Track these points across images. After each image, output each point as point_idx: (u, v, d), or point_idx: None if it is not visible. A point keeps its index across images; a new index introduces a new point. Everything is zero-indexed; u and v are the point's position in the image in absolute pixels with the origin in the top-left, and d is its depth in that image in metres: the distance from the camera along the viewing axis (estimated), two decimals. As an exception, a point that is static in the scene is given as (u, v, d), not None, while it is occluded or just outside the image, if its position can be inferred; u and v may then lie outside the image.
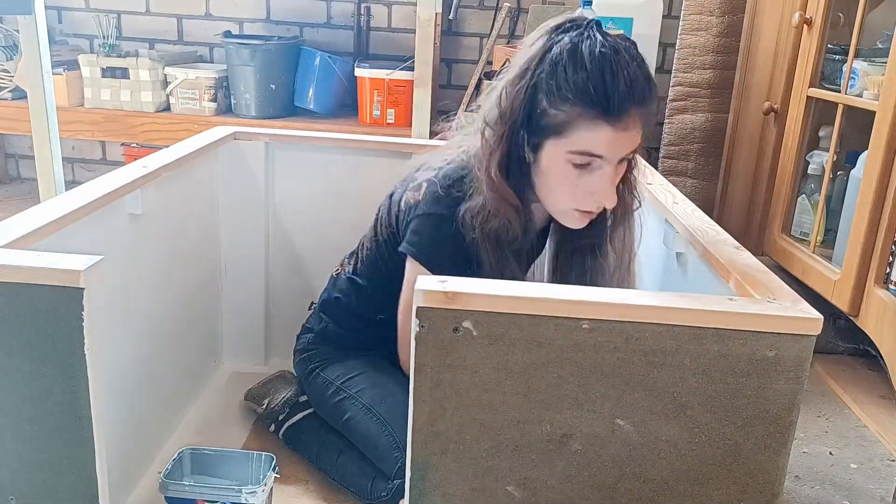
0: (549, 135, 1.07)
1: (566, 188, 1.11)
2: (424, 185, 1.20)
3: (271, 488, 1.25)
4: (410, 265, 1.21)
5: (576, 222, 1.15)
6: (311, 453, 1.38)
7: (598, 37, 1.06)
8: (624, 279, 1.24)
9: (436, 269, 1.15)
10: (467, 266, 1.15)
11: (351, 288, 1.39)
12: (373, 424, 1.26)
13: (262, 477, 1.23)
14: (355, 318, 1.39)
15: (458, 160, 1.20)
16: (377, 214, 1.34)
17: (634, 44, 1.09)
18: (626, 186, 1.17)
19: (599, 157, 1.07)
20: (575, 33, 1.07)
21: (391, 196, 1.31)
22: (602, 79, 1.03)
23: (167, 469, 1.22)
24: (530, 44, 1.10)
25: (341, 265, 1.43)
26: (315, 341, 1.42)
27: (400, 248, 1.21)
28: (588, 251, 1.23)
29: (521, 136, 1.09)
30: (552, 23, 1.10)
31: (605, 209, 1.15)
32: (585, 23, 1.08)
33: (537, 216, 1.23)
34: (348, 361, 1.37)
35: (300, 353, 1.44)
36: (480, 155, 1.13)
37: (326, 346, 1.41)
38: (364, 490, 1.27)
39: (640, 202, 1.22)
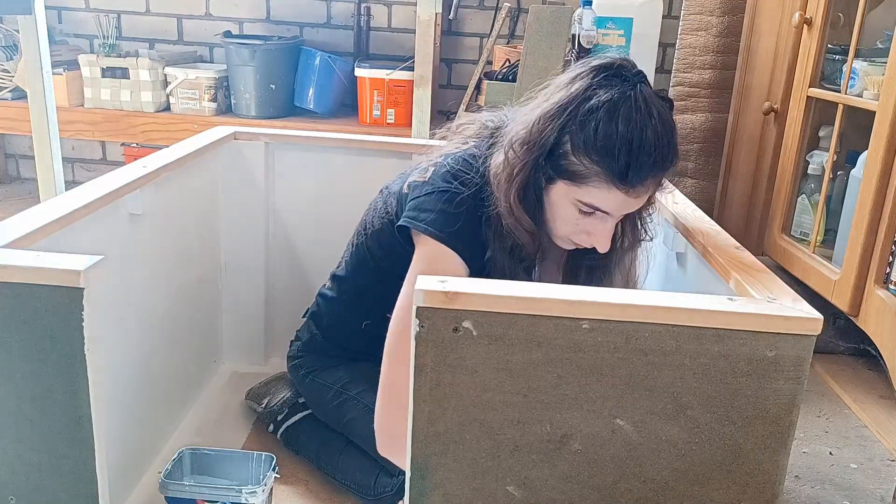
0: (564, 177, 1.07)
1: (567, 224, 1.12)
2: (432, 168, 1.17)
3: (271, 488, 1.25)
4: (419, 250, 1.13)
5: (567, 246, 1.17)
6: (311, 453, 1.38)
7: (640, 98, 1.04)
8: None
9: (453, 242, 1.10)
10: (482, 252, 1.13)
11: (336, 297, 1.38)
12: None
13: (261, 477, 1.23)
14: (341, 327, 1.39)
15: (465, 151, 1.19)
16: (365, 214, 1.32)
17: (671, 104, 1.08)
18: (638, 220, 1.19)
19: (606, 213, 1.09)
20: (618, 90, 1.04)
21: (385, 189, 1.28)
22: (629, 149, 1.02)
23: (167, 469, 1.22)
24: (573, 76, 1.09)
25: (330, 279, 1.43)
26: (304, 349, 1.44)
27: (401, 223, 1.15)
28: (597, 270, 1.24)
29: (541, 164, 1.08)
30: (598, 61, 1.08)
31: (616, 241, 1.17)
32: (632, 74, 1.06)
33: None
34: (340, 368, 1.37)
35: (290, 360, 1.46)
36: (499, 172, 1.12)
37: (314, 355, 1.42)
38: (367, 487, 1.27)
39: (651, 237, 1.23)
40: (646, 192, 1.08)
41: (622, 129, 1.02)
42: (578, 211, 1.09)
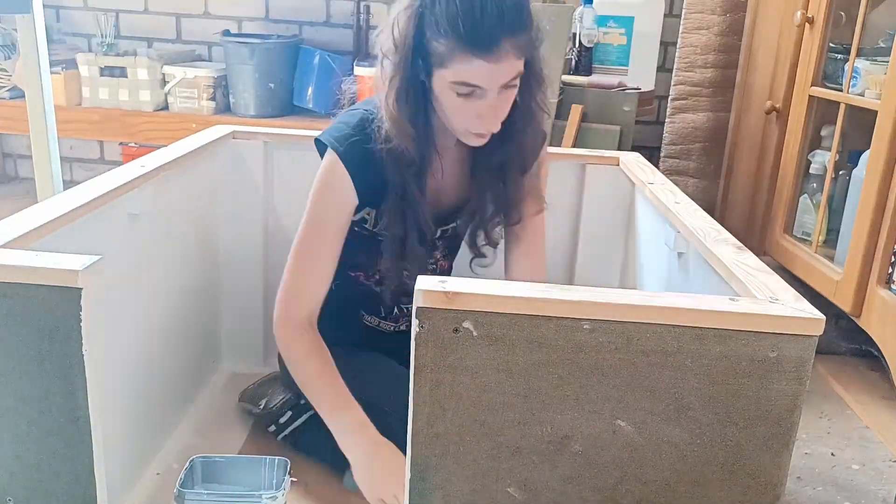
0: (435, 64, 1.10)
1: (456, 113, 1.14)
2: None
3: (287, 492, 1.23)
4: (323, 162, 1.24)
5: (475, 141, 1.18)
6: (326, 455, 1.33)
7: None
8: (535, 184, 1.30)
9: (347, 155, 1.20)
10: (376, 172, 1.20)
11: None
12: (377, 425, 1.24)
13: (275, 481, 1.22)
14: None
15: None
16: None
17: None
18: (530, 99, 1.19)
19: (478, 86, 1.09)
20: None
21: None
22: (471, 13, 1.05)
23: (180, 479, 1.19)
24: None
25: None
26: None
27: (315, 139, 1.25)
28: (504, 167, 1.26)
29: (417, 63, 1.11)
30: None
31: (514, 125, 1.19)
32: None
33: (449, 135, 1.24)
34: (336, 363, 1.35)
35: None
36: (378, 83, 1.17)
37: None
38: None
39: (548, 113, 1.27)
40: (507, 59, 1.08)
41: None
42: (457, 95, 1.11)
